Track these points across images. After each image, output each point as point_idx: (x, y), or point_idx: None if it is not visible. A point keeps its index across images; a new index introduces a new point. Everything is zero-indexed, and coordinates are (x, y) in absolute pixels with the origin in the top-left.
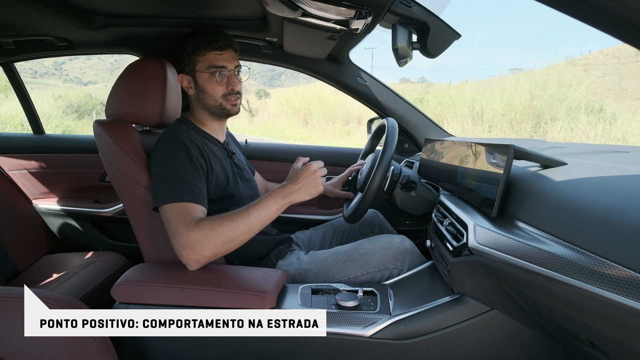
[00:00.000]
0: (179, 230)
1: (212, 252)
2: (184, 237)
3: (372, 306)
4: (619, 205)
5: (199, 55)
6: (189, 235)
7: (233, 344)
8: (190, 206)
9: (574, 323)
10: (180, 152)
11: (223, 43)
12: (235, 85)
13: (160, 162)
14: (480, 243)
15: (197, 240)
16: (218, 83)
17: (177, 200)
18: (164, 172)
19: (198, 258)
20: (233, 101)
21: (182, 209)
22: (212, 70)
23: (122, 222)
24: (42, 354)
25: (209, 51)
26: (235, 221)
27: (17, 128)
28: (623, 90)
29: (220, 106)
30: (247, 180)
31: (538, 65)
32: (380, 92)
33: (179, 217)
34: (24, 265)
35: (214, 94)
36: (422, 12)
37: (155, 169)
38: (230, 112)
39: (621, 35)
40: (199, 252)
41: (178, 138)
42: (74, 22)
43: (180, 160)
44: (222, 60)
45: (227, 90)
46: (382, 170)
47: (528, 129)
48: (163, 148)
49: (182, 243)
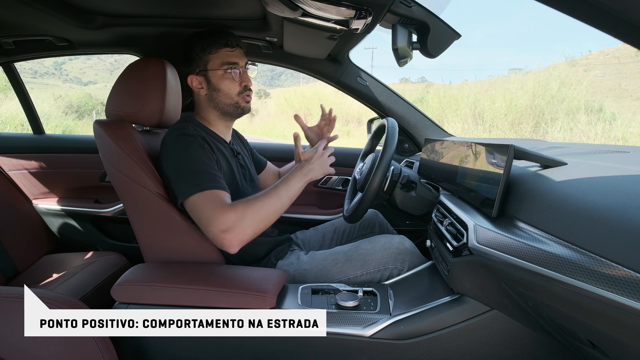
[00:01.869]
0: (215, 215)
1: (253, 231)
2: (221, 220)
3: (372, 306)
4: (619, 205)
5: (210, 53)
6: (228, 217)
7: (233, 344)
8: (216, 192)
9: (574, 323)
10: (193, 145)
11: (232, 40)
12: (249, 81)
13: (175, 158)
14: (480, 243)
15: (237, 220)
16: (233, 79)
17: (202, 189)
18: (182, 167)
19: (241, 237)
20: (247, 98)
21: (210, 196)
22: (225, 67)
23: (122, 222)
24: (42, 354)
25: (221, 48)
26: (268, 199)
27: (17, 128)
28: (623, 90)
29: (236, 104)
30: (251, 180)
31: (538, 65)
32: (380, 92)
33: (210, 203)
34: (24, 265)
35: (230, 92)
36: (422, 12)
37: (171, 166)
38: (244, 110)
39: (621, 35)
40: (241, 232)
41: (188, 133)
42: (74, 22)
43: (194, 153)
44: (234, 57)
45: (242, 87)
46: (382, 170)
47: (528, 129)
48: (174, 144)
49: (222, 227)
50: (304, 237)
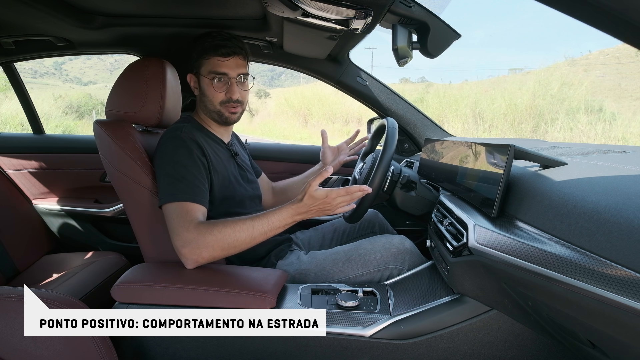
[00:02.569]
0: (178, 230)
1: (210, 255)
2: (181, 235)
3: (372, 306)
4: (619, 205)
5: (204, 58)
6: (187, 236)
7: (233, 344)
8: (188, 205)
9: (574, 323)
10: (181, 149)
11: (228, 50)
12: (234, 94)
13: (162, 161)
14: (480, 243)
15: (194, 241)
16: (215, 90)
17: (175, 199)
18: (165, 170)
19: (196, 259)
20: (232, 109)
21: (180, 209)
22: (212, 76)
23: (122, 222)
24: (42, 354)
25: (213, 56)
26: (238, 230)
27: (17, 128)
28: (623, 90)
29: (218, 112)
30: (250, 181)
31: (538, 65)
32: (380, 92)
33: (177, 216)
34: (24, 265)
35: (213, 100)
36: (422, 12)
37: (157, 167)
38: (228, 120)
39: (621, 35)
40: (196, 253)
41: (179, 136)
42: (74, 22)
43: (180, 159)
44: (224, 67)
45: (226, 97)
46: (382, 170)
47: (528, 129)
48: (164, 146)
49: (180, 242)
50: (304, 237)
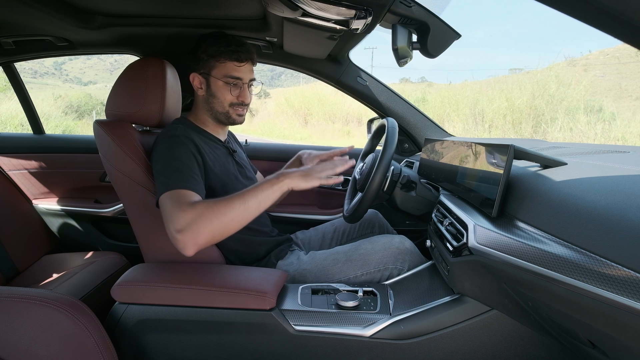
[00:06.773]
0: (173, 213)
1: (209, 234)
2: (178, 218)
3: (372, 306)
4: (619, 205)
5: (217, 61)
6: (184, 216)
7: (233, 344)
8: (182, 192)
9: (574, 323)
10: (176, 147)
11: (244, 55)
12: (246, 98)
13: (158, 159)
14: (480, 243)
15: (193, 220)
16: (230, 93)
17: (169, 188)
18: (160, 167)
19: (195, 241)
20: (240, 111)
21: (175, 195)
22: (227, 80)
23: (122, 222)
24: (42, 353)
25: (229, 61)
26: (232, 202)
27: (17, 128)
28: (623, 90)
29: (227, 114)
30: (249, 178)
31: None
32: (380, 92)
33: (172, 201)
34: (24, 265)
35: (224, 102)
36: (422, 12)
37: (153, 167)
38: (235, 122)
39: (621, 35)
40: (195, 233)
41: (174, 135)
42: (74, 22)
43: (175, 154)
44: (240, 72)
45: (238, 100)
46: (382, 170)
47: (528, 129)
48: (160, 146)
49: (177, 226)
50: (304, 237)
